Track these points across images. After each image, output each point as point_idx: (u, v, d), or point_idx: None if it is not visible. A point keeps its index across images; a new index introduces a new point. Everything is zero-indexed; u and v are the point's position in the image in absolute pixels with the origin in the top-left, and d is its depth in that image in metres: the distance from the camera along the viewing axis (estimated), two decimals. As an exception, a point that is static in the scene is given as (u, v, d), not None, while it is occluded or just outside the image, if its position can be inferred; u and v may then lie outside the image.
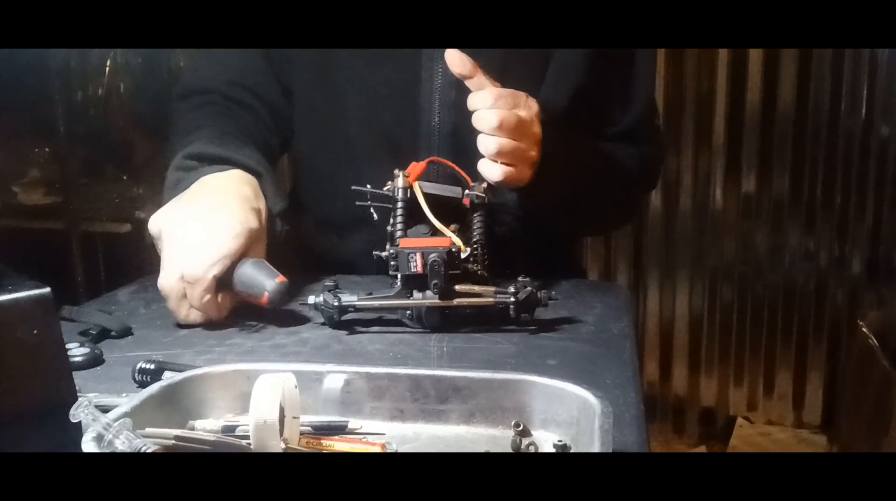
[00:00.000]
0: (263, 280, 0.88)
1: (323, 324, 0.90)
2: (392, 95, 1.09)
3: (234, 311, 0.94)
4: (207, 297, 0.89)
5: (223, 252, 0.89)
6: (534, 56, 1.08)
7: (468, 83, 0.94)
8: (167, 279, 0.89)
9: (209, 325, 0.92)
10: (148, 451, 0.51)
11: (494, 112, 0.90)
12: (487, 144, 0.91)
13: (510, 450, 0.60)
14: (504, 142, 0.91)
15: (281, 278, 0.89)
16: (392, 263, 0.88)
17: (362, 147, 1.11)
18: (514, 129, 0.91)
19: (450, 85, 1.05)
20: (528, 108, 0.94)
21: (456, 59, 0.93)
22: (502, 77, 0.99)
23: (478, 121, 0.91)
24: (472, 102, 0.92)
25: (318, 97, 1.14)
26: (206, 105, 1.12)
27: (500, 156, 0.91)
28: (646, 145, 1.19)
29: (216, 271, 0.89)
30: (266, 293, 0.88)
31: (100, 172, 2.25)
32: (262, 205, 0.98)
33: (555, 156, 0.97)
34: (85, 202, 2.11)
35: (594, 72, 1.10)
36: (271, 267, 0.90)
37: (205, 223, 0.90)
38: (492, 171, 0.92)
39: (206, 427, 0.61)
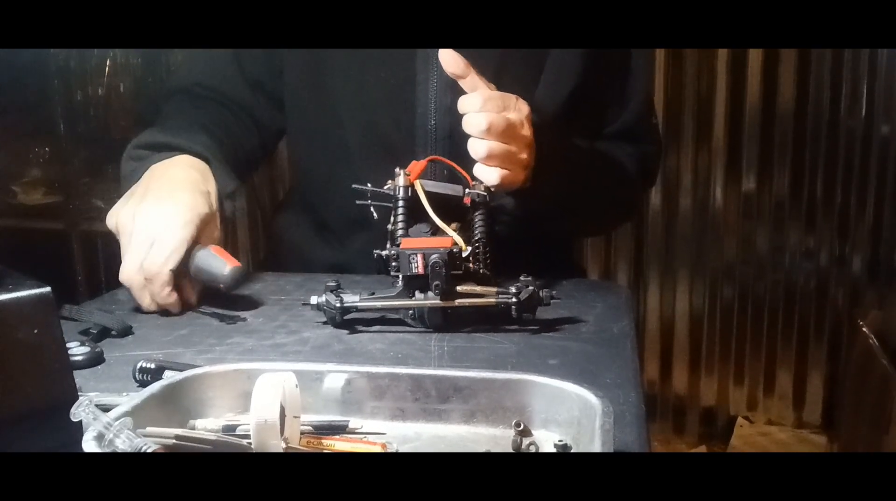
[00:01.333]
0: (219, 266, 0.91)
1: (324, 323, 0.90)
2: (388, 98, 1.09)
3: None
4: (167, 290, 0.92)
5: (176, 244, 0.92)
6: (530, 56, 1.09)
7: (461, 83, 0.94)
8: (126, 272, 0.93)
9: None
10: (149, 450, 0.51)
11: (483, 115, 0.89)
12: (477, 147, 0.90)
13: (511, 450, 0.60)
14: (494, 145, 0.90)
15: (235, 263, 0.92)
16: (393, 263, 0.88)
17: (359, 151, 1.11)
18: (504, 132, 0.90)
19: (445, 88, 1.05)
20: (518, 110, 0.93)
21: (449, 58, 0.93)
22: (499, 76, 0.99)
23: (467, 125, 0.91)
24: (462, 105, 0.92)
25: (314, 101, 1.14)
26: (184, 101, 1.16)
27: (491, 159, 0.91)
28: (644, 143, 1.19)
29: (171, 264, 0.91)
30: (221, 282, 0.91)
31: (100, 172, 2.25)
32: (211, 187, 1.00)
33: (549, 158, 0.97)
34: (85, 202, 2.11)
35: (591, 71, 1.10)
36: (226, 253, 0.93)
37: (156, 215, 0.93)
38: (488, 175, 0.91)
39: (206, 427, 0.61)
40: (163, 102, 1.19)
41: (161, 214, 0.93)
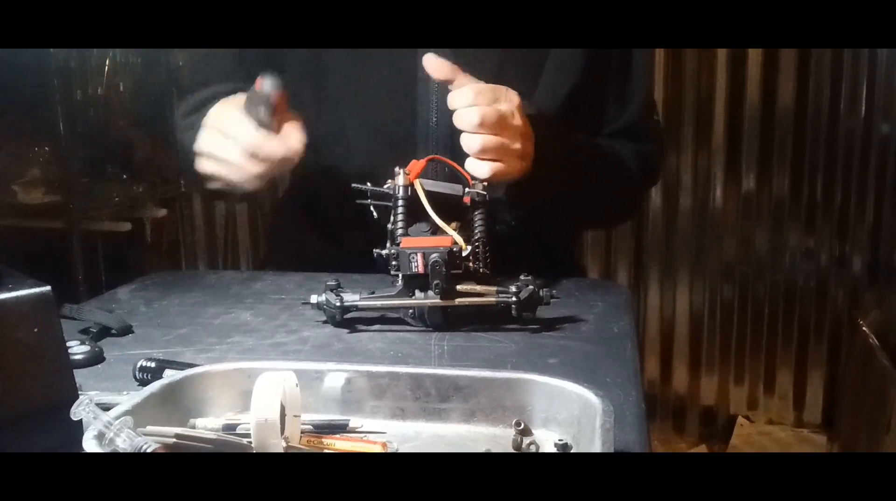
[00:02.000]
0: (258, 85, 0.92)
1: (324, 322, 0.90)
2: (389, 96, 1.09)
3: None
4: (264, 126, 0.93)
5: (234, 110, 0.94)
6: (531, 54, 1.09)
7: (451, 87, 0.94)
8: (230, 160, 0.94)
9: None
10: (149, 450, 0.51)
11: (475, 110, 0.89)
12: (471, 142, 0.90)
13: (511, 449, 0.60)
14: (488, 139, 0.90)
15: (266, 78, 0.91)
16: (393, 262, 0.88)
17: (360, 148, 1.11)
18: (497, 124, 0.90)
19: (447, 85, 1.05)
20: (508, 101, 0.92)
21: (433, 64, 0.92)
22: (499, 75, 0.99)
23: (458, 120, 0.90)
24: (452, 100, 0.91)
25: (315, 100, 1.14)
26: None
27: (486, 153, 0.90)
28: (645, 142, 1.19)
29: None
30: (264, 94, 0.91)
31: (100, 171, 2.25)
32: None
33: (548, 149, 0.97)
34: (85, 202, 2.11)
35: (592, 69, 1.10)
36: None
37: (222, 116, 0.97)
38: (480, 169, 0.91)
39: (206, 426, 0.61)
40: (182, 122, 1.20)
41: (225, 112, 0.96)
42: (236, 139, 0.92)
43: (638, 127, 1.18)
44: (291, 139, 0.92)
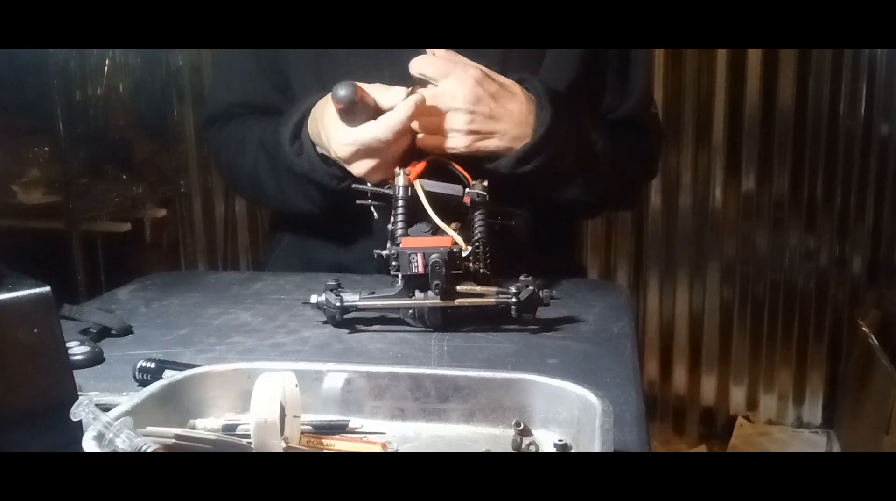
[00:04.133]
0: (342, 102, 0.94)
1: (324, 323, 0.90)
2: None
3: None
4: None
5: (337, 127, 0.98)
6: (532, 50, 1.10)
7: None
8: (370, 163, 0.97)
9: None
10: (148, 450, 0.51)
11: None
12: None
13: (511, 449, 0.60)
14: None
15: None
16: (393, 262, 0.88)
17: None
18: (425, 109, 0.97)
19: None
20: (454, 78, 0.97)
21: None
22: (503, 67, 1.02)
23: None
24: None
25: (316, 99, 1.14)
26: (234, 118, 1.20)
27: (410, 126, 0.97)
28: (644, 133, 1.20)
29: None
30: (337, 101, 0.94)
31: (100, 172, 2.25)
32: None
33: (552, 127, 1.00)
34: (85, 202, 2.11)
35: (591, 62, 1.12)
36: None
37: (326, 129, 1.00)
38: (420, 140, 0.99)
39: (206, 426, 0.61)
40: (208, 132, 1.24)
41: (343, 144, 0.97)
42: (378, 141, 0.95)
43: (638, 117, 1.19)
44: (398, 98, 0.97)
